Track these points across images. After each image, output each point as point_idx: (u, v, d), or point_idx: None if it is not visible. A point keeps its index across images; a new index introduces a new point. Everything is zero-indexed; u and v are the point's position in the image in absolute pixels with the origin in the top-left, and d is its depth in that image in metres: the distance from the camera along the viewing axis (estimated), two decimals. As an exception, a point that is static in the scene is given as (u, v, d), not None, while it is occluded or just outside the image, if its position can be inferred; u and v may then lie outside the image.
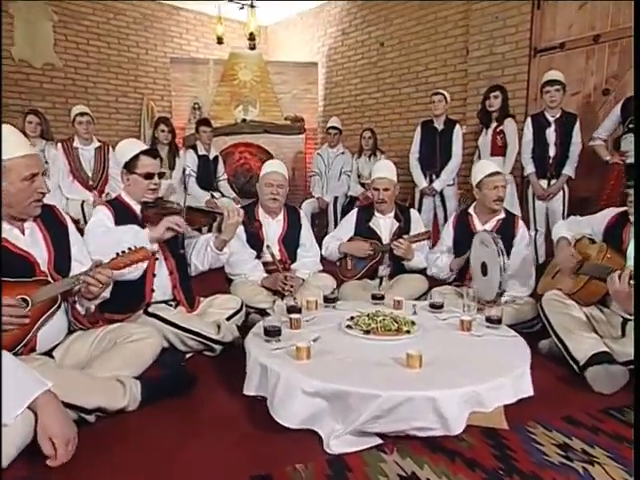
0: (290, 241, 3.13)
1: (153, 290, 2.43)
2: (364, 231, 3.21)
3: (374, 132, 5.26)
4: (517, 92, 4.91)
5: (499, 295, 2.62)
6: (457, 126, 4.53)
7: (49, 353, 1.86)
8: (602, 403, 1.99)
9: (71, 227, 2.04)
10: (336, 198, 5.30)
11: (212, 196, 4.93)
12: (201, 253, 2.57)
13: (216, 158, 5.12)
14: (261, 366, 1.81)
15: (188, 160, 4.85)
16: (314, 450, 1.62)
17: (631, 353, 2.13)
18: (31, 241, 1.85)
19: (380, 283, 3.22)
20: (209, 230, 3.05)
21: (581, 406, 1.95)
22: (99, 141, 4.23)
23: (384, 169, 3.21)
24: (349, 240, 3.24)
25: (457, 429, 1.58)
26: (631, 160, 3.44)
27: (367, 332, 2.00)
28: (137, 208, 2.50)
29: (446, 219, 4.54)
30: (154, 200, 2.52)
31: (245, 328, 2.63)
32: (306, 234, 3.21)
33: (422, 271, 3.17)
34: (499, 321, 2.15)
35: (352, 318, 2.17)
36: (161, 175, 2.54)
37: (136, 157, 2.45)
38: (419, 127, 4.70)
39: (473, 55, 5.28)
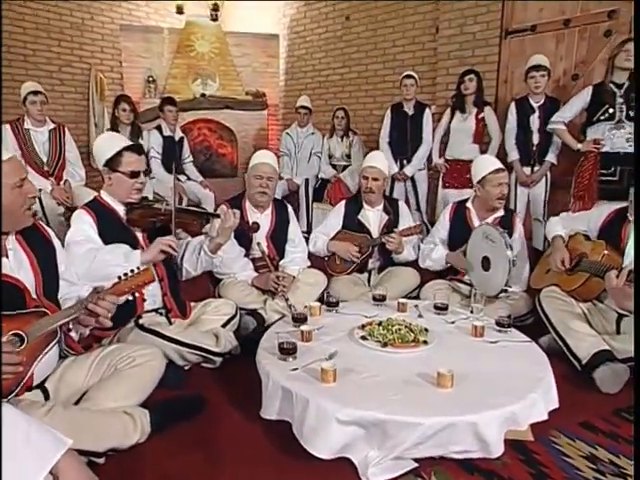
0: (279, 237, 2.97)
1: (144, 300, 2.22)
2: (353, 225, 3.11)
3: (347, 112, 5.09)
4: (487, 74, 4.86)
5: (504, 290, 2.61)
6: (427, 110, 4.47)
7: (41, 385, 1.66)
8: (610, 404, 2.04)
9: (57, 243, 1.80)
10: (307, 180, 5.14)
11: (178, 179, 4.63)
12: (194, 257, 2.37)
13: (181, 139, 4.80)
14: (283, 390, 1.69)
15: (153, 141, 4.51)
16: (349, 479, 1.54)
17: (630, 350, 2.19)
18: (16, 264, 1.60)
19: (369, 276, 3.15)
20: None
21: (594, 409, 1.98)
22: (53, 122, 3.82)
23: (377, 159, 3.09)
24: (338, 233, 3.12)
25: (497, 452, 1.54)
26: (607, 149, 3.50)
27: (385, 345, 1.92)
28: (121, 210, 2.26)
29: (418, 204, 4.53)
30: (139, 201, 2.29)
31: (238, 331, 2.52)
32: (294, 229, 3.06)
33: (412, 264, 3.12)
34: (509, 325, 2.13)
35: (363, 327, 2.08)
36: (146, 172, 2.31)
37: (119, 154, 2.20)
38: (389, 111, 4.59)
39: (443, 34, 5.17)
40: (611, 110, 3.44)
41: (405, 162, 4.47)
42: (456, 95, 4.28)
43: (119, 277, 1.64)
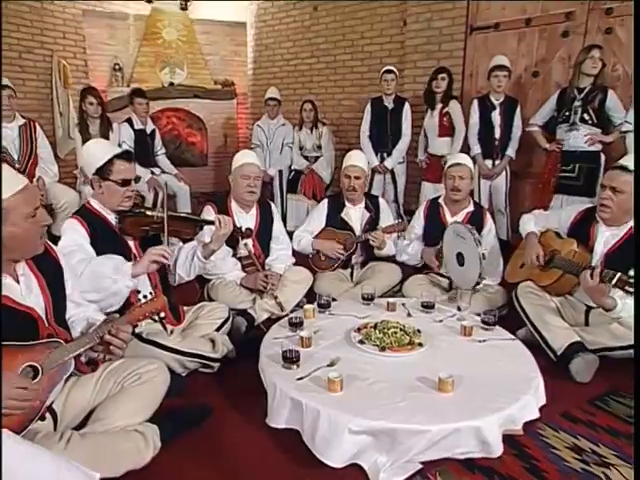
0: (264, 235, 2.92)
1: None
2: (336, 222, 3.09)
3: (314, 104, 4.99)
4: (453, 68, 4.84)
5: (478, 283, 2.67)
6: (406, 104, 4.43)
7: (49, 407, 1.57)
8: (584, 393, 2.14)
9: (64, 263, 1.68)
10: (280, 172, 5.05)
11: (152, 173, 4.45)
12: (187, 263, 2.30)
13: (153, 132, 4.58)
14: (292, 400, 1.67)
15: (124, 135, 4.27)
16: (360, 484, 1.56)
17: (599, 341, 2.30)
18: (27, 290, 1.49)
19: (352, 272, 3.15)
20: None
21: (571, 399, 2.07)
22: (23, 117, 3.55)
23: (358, 158, 3.06)
24: (321, 231, 3.10)
25: (497, 452, 1.60)
26: (567, 148, 3.63)
27: (383, 349, 1.93)
28: (112, 218, 2.15)
29: (396, 196, 4.54)
30: (129, 208, 2.18)
31: (231, 333, 2.48)
32: (278, 227, 3.02)
33: (394, 259, 3.14)
34: (494, 323, 2.19)
35: (359, 330, 2.08)
36: (137, 180, 2.19)
37: (109, 162, 2.08)
38: (369, 105, 4.54)
39: (411, 28, 5.13)
40: (567, 113, 3.56)
41: (385, 155, 4.44)
42: (426, 92, 4.29)
43: (132, 303, 1.57)
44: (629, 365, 2.24)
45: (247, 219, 2.87)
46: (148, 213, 2.19)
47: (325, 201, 3.19)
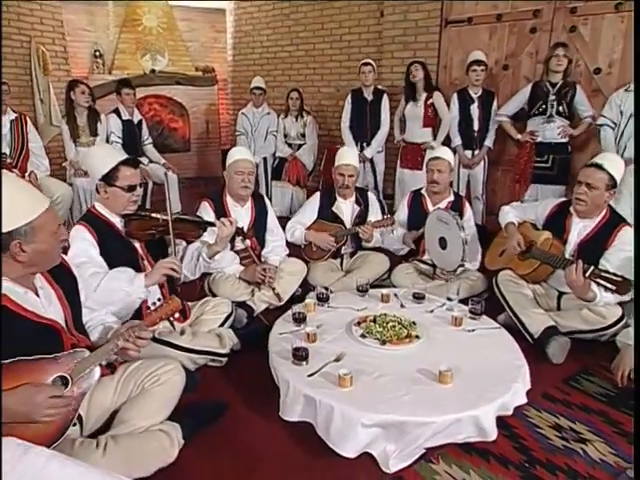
0: (259, 228, 2.91)
1: (149, 308, 2.12)
2: (327, 215, 3.10)
3: (301, 93, 4.92)
4: (429, 59, 4.85)
5: (460, 265, 2.76)
6: (385, 96, 4.42)
7: (74, 412, 1.57)
8: (559, 373, 2.26)
9: (76, 272, 1.65)
10: (265, 159, 4.98)
11: (140, 162, 4.30)
12: (192, 264, 2.28)
13: (140, 122, 4.41)
14: (305, 397, 1.72)
15: (112, 126, 4.12)
16: (375, 472, 1.63)
17: (570, 325, 2.43)
18: (47, 302, 1.47)
19: (341, 261, 3.19)
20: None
21: (548, 380, 2.18)
22: (14, 111, 3.37)
23: (350, 157, 3.06)
24: (313, 224, 3.11)
25: (492, 436, 1.69)
26: (540, 140, 3.71)
27: (383, 342, 1.98)
28: (117, 222, 2.11)
29: (376, 183, 4.57)
30: (134, 211, 2.14)
31: (233, 325, 2.49)
32: (272, 219, 3.00)
33: (380, 248, 3.19)
34: (481, 313, 2.27)
35: (359, 323, 2.13)
36: (141, 184, 2.14)
37: (115, 168, 2.02)
38: (349, 97, 4.52)
39: (388, 19, 5.06)
40: (544, 106, 3.62)
41: (365, 145, 4.45)
42: (406, 85, 4.28)
43: (148, 307, 1.56)
44: (596, 346, 2.41)
45: (242, 213, 2.85)
46: (153, 215, 2.16)
47: (317, 194, 3.18)
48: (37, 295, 1.45)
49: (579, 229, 2.52)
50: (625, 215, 2.54)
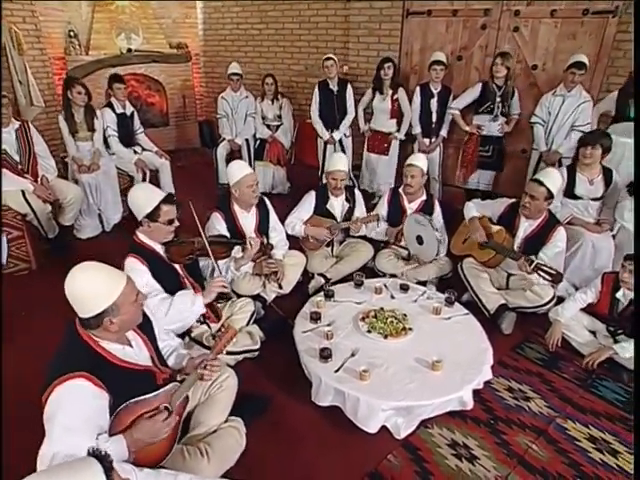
0: (263, 228, 3.05)
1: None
2: (322, 211, 3.28)
3: (275, 78, 4.81)
4: (392, 45, 4.88)
5: (435, 259, 3.11)
6: (349, 86, 4.50)
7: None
8: (508, 343, 2.70)
9: (150, 315, 1.80)
10: (247, 140, 4.94)
11: (135, 152, 4.19)
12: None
13: (132, 113, 4.21)
14: (335, 389, 2.04)
15: (107, 120, 3.93)
16: (389, 439, 2.01)
17: (516, 302, 2.85)
18: (139, 350, 1.63)
19: (332, 249, 3.43)
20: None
21: (501, 349, 2.59)
22: (16, 119, 3.16)
23: (340, 164, 3.20)
24: (310, 218, 3.29)
25: (470, 406, 2.11)
26: (485, 133, 4.00)
27: (386, 336, 2.30)
28: (159, 249, 2.23)
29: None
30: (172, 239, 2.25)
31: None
32: (273, 217, 3.14)
33: (365, 237, 3.45)
34: (452, 302, 2.63)
35: (363, 319, 2.43)
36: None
37: (157, 207, 2.10)
38: (317, 88, 4.54)
39: (354, 5, 4.94)
40: (492, 106, 3.87)
41: (334, 130, 4.54)
42: (375, 79, 4.33)
43: (212, 335, 1.77)
44: (536, 319, 2.85)
45: (249, 217, 2.97)
46: (190, 240, 2.28)
47: (313, 193, 3.32)
48: (131, 346, 1.62)
49: (525, 227, 2.89)
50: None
